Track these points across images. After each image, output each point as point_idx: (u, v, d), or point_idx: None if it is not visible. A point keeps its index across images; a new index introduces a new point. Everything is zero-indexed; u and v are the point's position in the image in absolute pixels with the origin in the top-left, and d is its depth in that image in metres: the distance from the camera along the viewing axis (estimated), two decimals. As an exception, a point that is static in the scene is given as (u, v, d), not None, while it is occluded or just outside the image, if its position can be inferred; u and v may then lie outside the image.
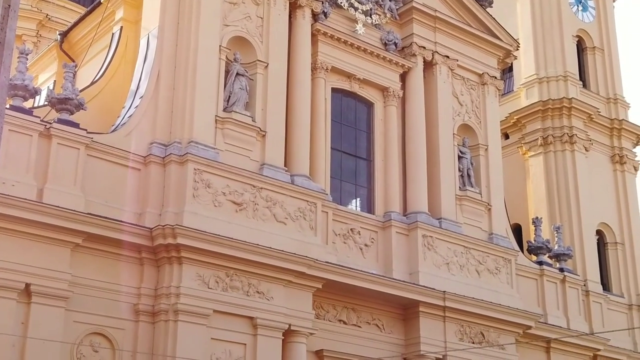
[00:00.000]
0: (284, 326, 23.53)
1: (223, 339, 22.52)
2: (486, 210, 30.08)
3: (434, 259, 27.64)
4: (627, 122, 38.44)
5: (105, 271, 21.79)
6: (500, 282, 29.15)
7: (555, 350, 30.97)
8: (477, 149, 30.79)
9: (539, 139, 36.37)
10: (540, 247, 32.30)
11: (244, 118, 24.67)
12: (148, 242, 22.22)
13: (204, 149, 23.45)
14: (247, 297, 23.12)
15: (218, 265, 22.71)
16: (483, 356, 27.75)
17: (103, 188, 22.35)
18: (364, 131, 28.88)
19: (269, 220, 24.12)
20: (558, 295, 32.12)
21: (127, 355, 21.60)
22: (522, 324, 29.02)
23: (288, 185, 24.76)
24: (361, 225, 27.04)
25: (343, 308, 26.09)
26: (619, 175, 37.72)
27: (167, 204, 22.82)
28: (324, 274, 24.56)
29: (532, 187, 36.30)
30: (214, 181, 23.33)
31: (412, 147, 28.94)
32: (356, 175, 28.32)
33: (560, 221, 34.60)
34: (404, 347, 26.92)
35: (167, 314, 21.94)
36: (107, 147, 22.67)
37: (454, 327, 27.46)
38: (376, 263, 26.88)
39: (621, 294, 35.76)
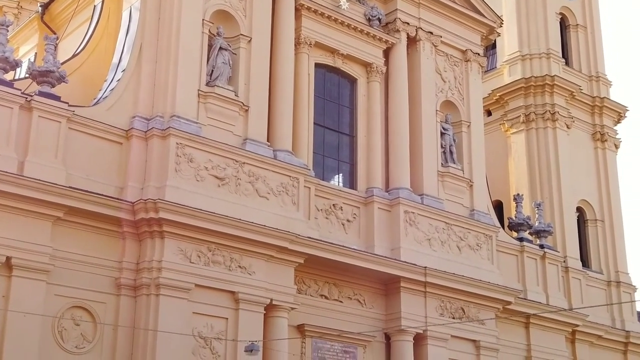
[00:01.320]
0: (265, 301, 23.62)
1: (205, 313, 22.59)
2: (468, 187, 30.21)
3: (415, 235, 27.77)
4: (609, 99, 38.62)
5: (86, 245, 21.75)
6: (480, 258, 29.35)
7: (535, 326, 31.28)
8: (459, 126, 30.86)
9: (521, 116, 36.49)
10: (520, 224, 32.52)
11: (227, 92, 24.58)
12: (130, 216, 22.18)
13: (187, 123, 23.37)
14: (229, 271, 23.16)
15: (200, 239, 22.72)
16: (463, 331, 27.99)
17: (84, 161, 22.25)
18: (347, 107, 28.86)
19: (252, 195, 24.12)
20: (538, 271, 32.40)
21: (108, 329, 21.63)
22: (502, 299, 29.27)
23: (270, 160, 24.74)
24: (343, 200, 27.09)
25: (325, 283, 26.20)
26: (600, 153, 37.96)
27: (149, 178, 22.77)
28: (306, 249, 24.63)
29: (513, 164, 36.47)
30: (197, 156, 23.27)
31: (394, 123, 28.96)
32: (339, 150, 28.34)
33: (541, 198, 34.82)
34: (385, 322, 27.10)
35: (148, 288, 21.96)
36: (88, 120, 22.54)
37: (435, 302, 27.65)
38: (358, 239, 26.98)
39: (600, 270, 36.10)
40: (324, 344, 25.65)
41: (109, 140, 22.89)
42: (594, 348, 33.90)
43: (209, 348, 22.43)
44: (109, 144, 22.89)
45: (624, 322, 35.40)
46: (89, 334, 21.41)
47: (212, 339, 22.46)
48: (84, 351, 21.24)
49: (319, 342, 25.56)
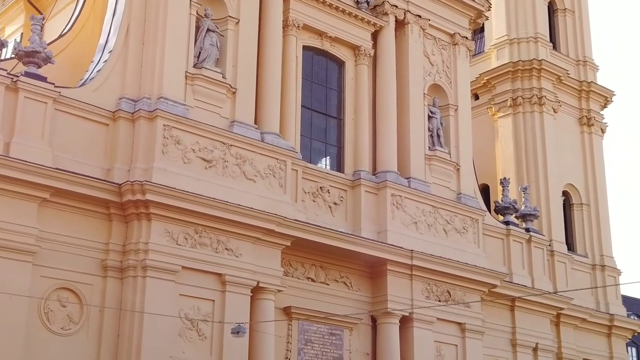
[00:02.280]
0: (252, 283, 23.67)
1: (191, 295, 22.63)
2: (455, 170, 30.29)
3: (402, 218, 27.85)
4: (596, 84, 38.72)
5: (73, 226, 21.72)
6: (467, 241, 29.48)
7: (520, 309, 31.48)
8: (447, 109, 30.90)
9: (509, 100, 36.55)
10: (507, 208, 32.67)
11: (215, 74, 24.51)
12: (116, 198, 22.16)
13: (174, 105, 23.31)
14: (216, 253, 23.19)
15: (187, 221, 22.72)
16: (449, 314, 28.15)
17: (71, 143, 22.18)
18: (335, 90, 28.84)
19: (239, 178, 24.11)
20: (523, 254, 32.57)
21: (94, 311, 21.64)
22: (488, 282, 29.44)
23: (258, 143, 24.72)
24: (330, 183, 27.12)
25: (311, 266, 26.27)
26: (586, 137, 38.10)
27: (135, 160, 22.72)
28: (292, 231, 24.67)
29: (500, 147, 36.56)
30: (184, 138, 23.23)
31: (382, 107, 28.97)
32: (326, 133, 28.33)
33: (527, 182, 34.96)
34: (371, 304, 27.21)
35: (135, 270, 21.97)
36: (75, 101, 22.45)
37: (421, 285, 27.79)
38: (345, 221, 27.03)
39: (585, 254, 36.32)
40: (310, 326, 25.75)
41: (95, 122, 22.82)
42: (579, 331, 34.17)
43: (196, 330, 22.50)
44: (96, 125, 22.82)
45: (608, 305, 35.67)
46: (75, 315, 21.42)
47: (198, 320, 22.51)
48: (70, 332, 21.27)
49: (305, 325, 25.66)
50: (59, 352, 20.91)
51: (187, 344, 22.29)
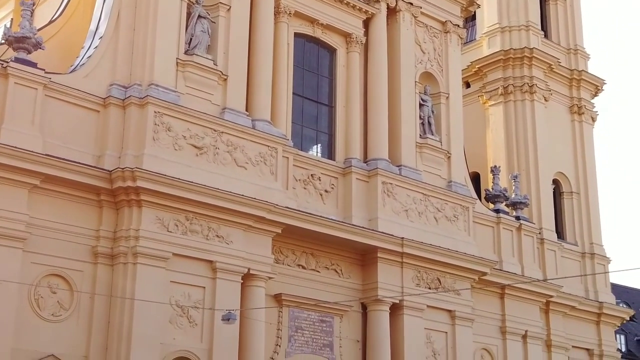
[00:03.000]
0: (243, 270, 23.70)
1: (182, 282, 22.65)
2: (446, 158, 30.33)
3: (393, 206, 27.89)
4: (587, 73, 38.78)
5: (63, 213, 21.69)
6: (457, 229, 29.56)
7: (509, 296, 31.61)
8: (438, 97, 30.91)
9: (500, 88, 36.58)
10: (497, 196, 32.76)
11: (206, 61, 24.45)
12: (107, 185, 22.13)
13: (165, 92, 23.26)
14: (207, 240, 23.20)
15: (178, 208, 22.72)
16: (439, 301, 28.25)
17: (61, 129, 22.12)
18: (326, 77, 28.81)
19: (230, 165, 24.10)
20: (513, 242, 32.69)
21: (85, 297, 21.64)
22: (478, 270, 29.55)
23: (249, 130, 24.70)
24: (321, 171, 27.14)
25: (302, 253, 26.31)
26: (577, 126, 38.18)
27: (126, 146, 22.68)
28: (283, 219, 24.70)
29: (491, 136, 36.62)
30: (175, 124, 23.19)
31: (373, 94, 28.96)
32: (317, 121, 28.33)
33: (517, 170, 35.04)
34: (362, 292, 27.28)
35: (126, 257, 21.97)
36: (65, 87, 22.38)
37: (411, 272, 27.86)
38: (336, 209, 27.07)
39: (575, 242, 36.46)
40: (300, 313, 25.82)
41: (86, 108, 22.77)
42: (568, 319, 34.34)
43: (186, 317, 22.52)
44: (86, 111, 22.77)
45: (597, 293, 35.84)
46: (66, 302, 21.42)
47: (189, 307, 22.54)
48: (61, 319, 21.27)
49: (296, 312, 25.72)
50: (49, 338, 20.91)
51: (177, 330, 22.32)
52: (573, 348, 34.32)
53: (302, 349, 25.65)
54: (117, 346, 21.46)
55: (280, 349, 25.13)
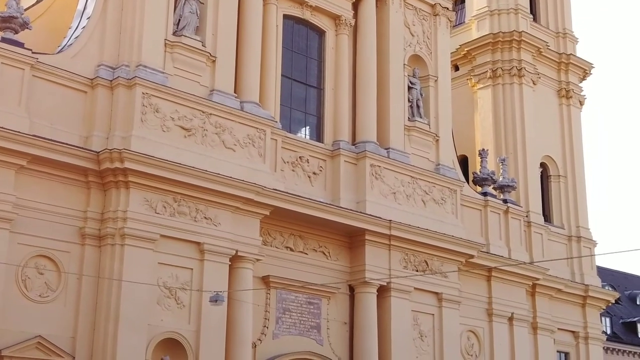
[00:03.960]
0: (230, 252, 23.73)
1: (170, 263, 22.67)
2: (434, 141, 30.37)
3: (381, 189, 27.94)
4: (575, 56, 38.82)
5: (50, 194, 21.64)
6: (445, 212, 29.65)
7: (496, 279, 31.76)
8: (427, 80, 30.91)
9: (488, 71, 36.57)
10: (485, 179, 32.85)
11: (194, 43, 24.36)
12: (95, 166, 22.07)
13: (153, 73, 23.16)
14: (195, 222, 23.20)
15: (166, 190, 22.69)
16: (426, 284, 28.37)
17: (48, 110, 22.03)
18: (315, 59, 28.75)
19: (218, 147, 24.07)
20: (501, 225, 32.82)
21: (72, 278, 21.63)
22: (465, 253, 29.67)
23: (237, 112, 24.66)
24: (310, 153, 27.13)
25: (290, 235, 26.34)
26: (565, 110, 38.26)
27: (114, 127, 22.62)
28: (271, 201, 24.71)
29: (479, 119, 36.65)
30: (163, 106, 23.12)
31: (362, 77, 28.92)
32: (306, 103, 28.28)
33: (505, 153, 35.11)
34: (349, 274, 27.37)
35: (113, 238, 21.95)
36: (52, 68, 22.26)
37: (399, 255, 27.96)
38: (324, 191, 27.09)
39: (562, 225, 36.63)
40: (288, 295, 25.89)
41: (73, 89, 22.67)
42: (554, 301, 34.55)
43: (174, 298, 22.56)
44: (74, 92, 22.67)
45: (583, 276, 36.05)
46: (53, 282, 21.41)
47: (177, 289, 22.57)
48: (48, 300, 21.26)
49: (283, 294, 25.79)
50: (36, 319, 20.92)
51: (165, 312, 22.36)
52: (559, 330, 34.56)
53: (289, 331, 25.75)
54: (105, 327, 21.48)
55: (267, 330, 25.21)
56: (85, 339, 21.55)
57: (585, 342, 35.54)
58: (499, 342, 31.34)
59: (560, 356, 34.97)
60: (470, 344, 30.61)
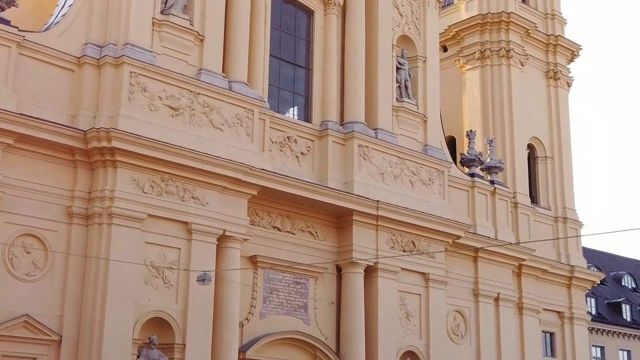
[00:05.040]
0: (218, 232, 23.74)
1: (157, 243, 22.67)
2: (422, 122, 30.40)
3: (369, 169, 27.98)
4: (563, 38, 38.85)
5: (37, 173, 21.57)
6: (432, 192, 29.73)
7: (483, 260, 31.93)
8: (415, 61, 30.89)
9: (477, 52, 36.59)
10: (472, 160, 32.93)
11: (182, 21, 24.23)
12: (82, 145, 21.99)
13: (140, 52, 23.05)
14: (182, 202, 23.19)
15: (153, 169, 22.65)
16: (413, 264, 28.49)
17: (35, 88, 21.91)
18: (304, 39, 28.66)
19: (206, 126, 24.02)
20: (488, 206, 32.96)
21: (59, 257, 21.62)
22: (452, 233, 29.79)
23: (225, 92, 24.59)
24: (298, 133, 27.12)
25: (278, 215, 26.38)
26: (552, 91, 38.35)
27: (101, 106, 22.53)
28: (259, 181, 24.71)
29: (467, 100, 36.70)
30: (150, 85, 23.03)
31: (351, 57, 28.87)
32: (294, 83, 28.24)
33: (493, 134, 35.20)
34: (337, 254, 27.45)
35: (101, 217, 21.93)
36: (39, 46, 22.12)
37: (386, 235, 28.04)
38: (312, 171, 27.10)
39: (548, 206, 36.81)
40: (275, 275, 25.96)
41: (60, 67, 22.55)
42: (540, 282, 34.77)
43: (162, 277, 22.59)
44: (61, 70, 22.55)
45: (569, 257, 36.29)
46: (40, 261, 21.39)
47: (164, 268, 22.59)
48: (35, 278, 21.25)
49: (271, 273, 25.86)
50: (23, 298, 20.90)
51: (152, 291, 22.39)
52: (544, 310, 34.81)
53: (276, 310, 25.84)
54: (92, 306, 21.50)
55: (255, 310, 25.29)
56: (73, 318, 21.57)
57: (570, 322, 35.84)
58: (485, 322, 31.57)
59: (545, 336, 35.27)
60: (456, 324, 30.81)
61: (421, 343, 28.44)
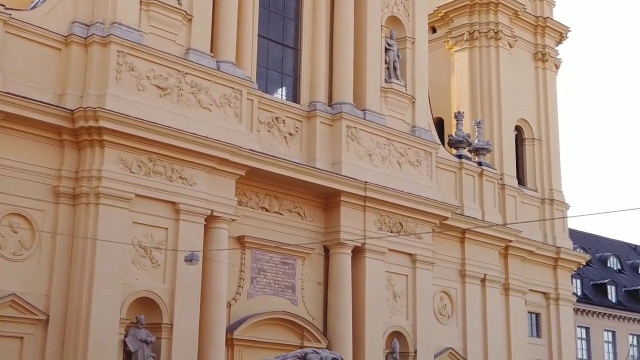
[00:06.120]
0: (206, 212, 23.74)
1: (145, 223, 22.65)
2: (410, 103, 30.40)
3: (356, 150, 27.99)
4: (552, 20, 38.86)
5: (24, 152, 21.47)
6: (420, 174, 29.78)
7: (470, 241, 32.07)
8: (404, 42, 30.83)
9: (465, 34, 36.55)
10: (460, 141, 33.00)
11: (170, 0, 24.09)
12: (69, 124, 21.90)
13: (128, 31, 22.92)
14: (170, 182, 23.16)
15: (141, 149, 22.59)
16: (400, 245, 28.58)
17: (22, 67, 21.76)
18: (292, 19, 28.55)
19: (194, 106, 23.95)
20: (475, 188, 33.06)
21: (47, 237, 21.57)
22: (439, 214, 29.89)
23: (214, 72, 24.51)
24: (286, 114, 27.08)
25: (265, 196, 26.38)
26: (540, 73, 38.39)
27: (88, 86, 22.41)
28: (247, 161, 24.70)
29: (455, 81, 36.70)
30: (138, 64, 22.92)
31: (339, 38, 28.78)
32: (283, 63, 28.15)
33: (481, 116, 35.24)
34: (324, 235, 27.50)
35: (88, 197, 21.87)
36: (26, 24, 21.95)
37: (374, 216, 28.11)
38: (300, 152, 27.09)
39: (535, 188, 36.94)
40: (263, 255, 26.01)
41: (47, 46, 22.40)
42: (526, 263, 34.97)
43: (149, 257, 22.59)
44: (48, 49, 22.40)
45: (555, 238, 36.47)
46: (27, 241, 21.34)
47: (152, 248, 22.59)
48: (22, 258, 21.21)
49: (258, 254, 25.90)
50: (10, 277, 20.86)
51: (140, 271, 22.40)
52: (530, 291, 35.02)
53: (264, 291, 25.90)
54: (79, 286, 21.49)
55: (242, 290, 25.34)
56: (60, 298, 21.56)
57: (555, 303, 36.09)
58: (471, 302, 31.77)
59: (531, 317, 35.51)
60: (443, 305, 30.99)
61: (408, 323, 28.60)
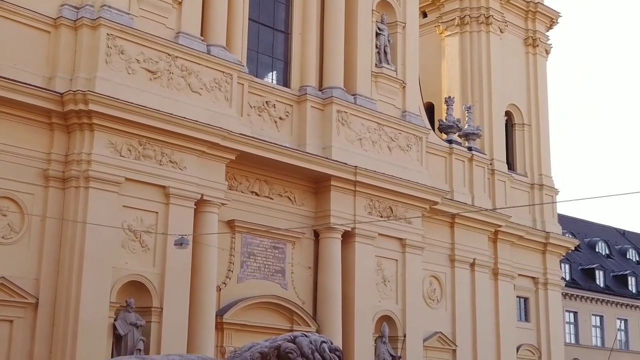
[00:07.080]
0: (196, 196, 23.72)
1: (135, 206, 22.62)
2: (401, 88, 30.40)
3: (347, 135, 27.99)
4: (543, 5, 38.84)
5: (13, 135, 21.37)
6: (410, 158, 29.82)
7: (459, 226, 32.17)
8: (394, 27, 30.78)
9: (456, 18, 36.52)
10: (450, 126, 33.03)
11: (160, -17, 23.98)
12: (58, 107, 21.81)
13: (118, 14, 22.80)
14: (160, 166, 23.12)
15: (131, 133, 22.53)
16: (390, 229, 28.65)
17: (11, 50, 21.63)
18: (283, 3, 28.46)
19: (184, 90, 23.88)
20: (465, 173, 33.14)
21: (36, 220, 21.52)
22: (429, 199, 29.95)
23: (204, 55, 24.43)
24: (276, 98, 27.04)
25: (256, 180, 26.38)
26: (531, 58, 38.42)
27: (78, 69, 22.30)
28: (237, 145, 24.67)
29: (446, 66, 36.69)
30: (128, 48, 22.82)
31: (330, 22, 28.72)
32: (273, 47, 28.08)
33: (471, 101, 35.28)
34: (314, 219, 27.53)
35: (77, 181, 21.82)
36: (15, 7, 21.80)
37: (364, 201, 28.15)
38: (290, 136, 27.08)
39: (525, 173, 37.05)
40: (253, 239, 26.02)
41: (36, 29, 22.26)
42: (515, 248, 35.10)
43: (139, 241, 22.57)
44: (37, 32, 22.27)
45: (544, 223, 36.62)
46: (16, 224, 21.29)
47: (141, 232, 22.57)
48: (11, 241, 21.16)
49: (248, 238, 25.92)
50: (0, 260, 20.79)
51: (130, 254, 22.39)
52: (519, 276, 35.18)
53: (254, 275, 25.94)
54: (69, 269, 21.47)
55: (232, 274, 25.38)
56: (49, 281, 21.54)
57: (544, 287, 36.27)
58: (460, 287, 31.90)
59: (519, 301, 35.70)
60: (432, 289, 31.11)
61: (397, 308, 28.71)
